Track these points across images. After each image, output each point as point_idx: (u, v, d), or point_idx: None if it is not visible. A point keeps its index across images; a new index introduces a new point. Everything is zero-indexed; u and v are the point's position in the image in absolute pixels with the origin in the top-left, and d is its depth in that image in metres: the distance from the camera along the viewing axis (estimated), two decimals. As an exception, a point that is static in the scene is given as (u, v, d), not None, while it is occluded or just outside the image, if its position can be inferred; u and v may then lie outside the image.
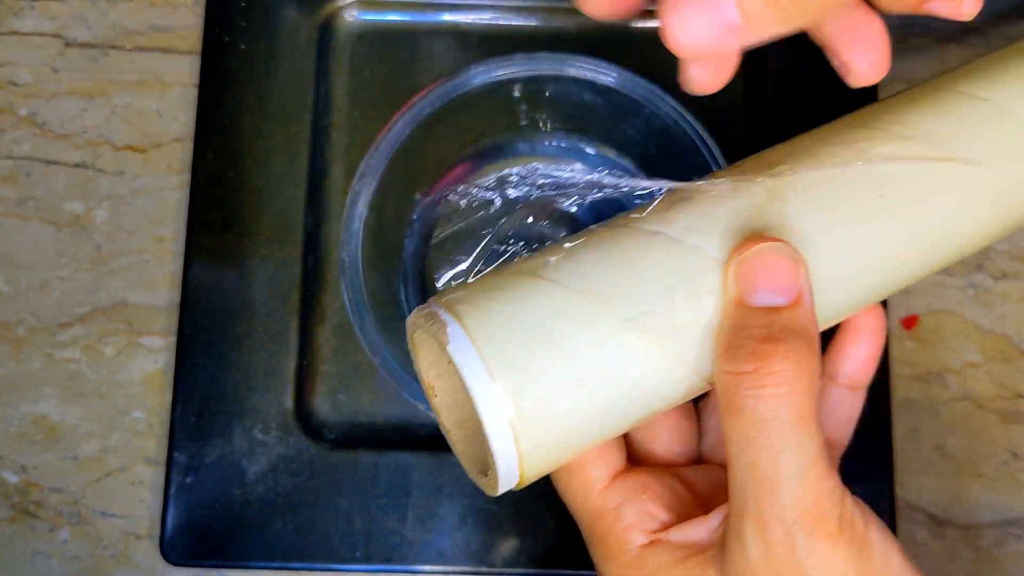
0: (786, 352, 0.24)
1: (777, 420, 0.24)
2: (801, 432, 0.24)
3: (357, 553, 0.42)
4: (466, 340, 0.24)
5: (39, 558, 0.44)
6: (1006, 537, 0.44)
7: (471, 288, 0.26)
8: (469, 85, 0.39)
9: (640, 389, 0.26)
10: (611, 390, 0.25)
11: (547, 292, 0.25)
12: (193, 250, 0.44)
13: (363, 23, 0.48)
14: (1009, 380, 0.45)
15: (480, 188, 0.29)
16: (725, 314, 0.26)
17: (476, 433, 0.27)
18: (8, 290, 0.46)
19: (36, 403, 0.45)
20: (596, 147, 0.45)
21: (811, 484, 0.24)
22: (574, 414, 0.25)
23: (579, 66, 0.39)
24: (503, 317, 0.25)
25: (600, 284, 0.25)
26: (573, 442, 0.26)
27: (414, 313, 0.27)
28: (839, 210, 0.26)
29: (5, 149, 0.47)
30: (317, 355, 0.45)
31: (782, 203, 0.26)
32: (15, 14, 0.48)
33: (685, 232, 0.26)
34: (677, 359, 0.26)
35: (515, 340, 0.25)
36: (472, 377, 0.24)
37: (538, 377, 0.24)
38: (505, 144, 0.46)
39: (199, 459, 0.42)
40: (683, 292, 0.25)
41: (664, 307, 0.25)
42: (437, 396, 0.28)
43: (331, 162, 0.46)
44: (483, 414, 0.24)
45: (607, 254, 0.26)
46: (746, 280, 0.25)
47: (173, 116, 0.47)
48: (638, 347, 0.25)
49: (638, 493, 0.29)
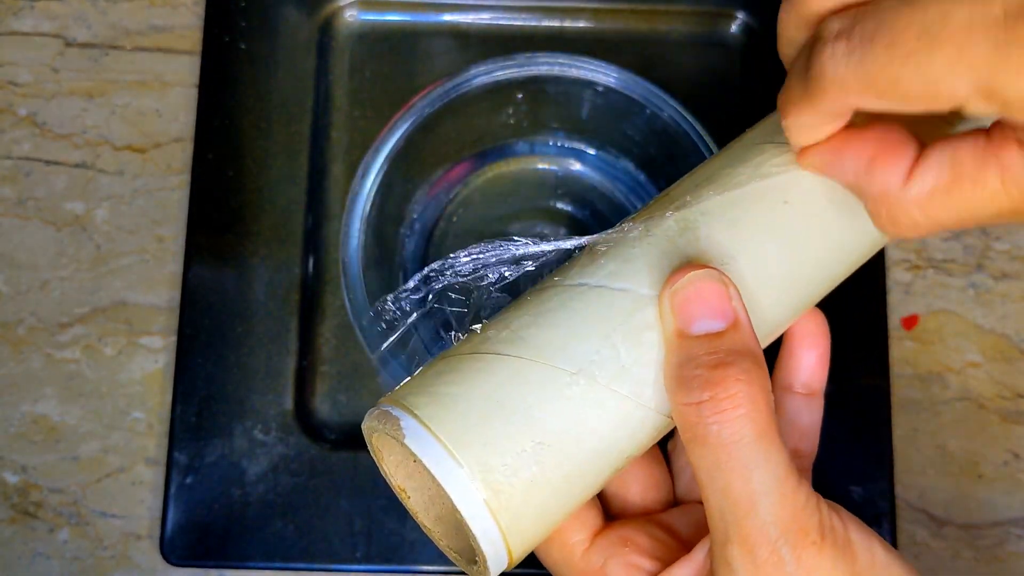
0: (738, 374, 0.25)
1: (743, 441, 0.25)
2: (767, 448, 0.25)
3: (357, 553, 0.42)
4: (421, 429, 0.24)
5: (39, 558, 0.43)
6: (1007, 537, 0.44)
7: (415, 380, 0.26)
8: (469, 85, 0.39)
9: (604, 438, 0.26)
10: (576, 445, 0.25)
11: (490, 365, 0.26)
12: (193, 250, 0.44)
13: (363, 23, 0.48)
14: (1009, 380, 0.45)
15: (408, 292, 0.29)
16: (668, 348, 0.26)
17: (456, 523, 0.27)
18: (8, 290, 0.46)
19: (36, 403, 0.45)
20: (596, 147, 0.45)
21: (786, 497, 0.25)
22: (545, 478, 0.25)
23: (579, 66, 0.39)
24: (452, 398, 0.25)
25: (539, 345, 0.26)
26: (552, 507, 0.26)
27: (366, 418, 0.27)
28: (749, 223, 0.27)
29: (5, 149, 0.47)
30: (317, 355, 0.45)
31: (694, 230, 0.27)
32: (15, 14, 0.48)
33: (609, 278, 0.27)
34: (633, 400, 0.26)
35: (469, 417, 0.25)
36: (435, 463, 0.24)
37: (501, 450, 0.24)
38: (505, 144, 0.46)
39: (199, 459, 0.42)
40: (621, 334, 0.26)
41: (607, 353, 0.26)
42: (410, 498, 0.28)
43: (331, 162, 0.46)
44: (455, 499, 0.24)
45: (539, 315, 0.26)
46: (682, 311, 0.26)
47: (173, 116, 0.47)
48: (591, 397, 0.25)
49: (620, 547, 0.29)
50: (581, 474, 0.26)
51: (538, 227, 0.45)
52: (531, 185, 0.46)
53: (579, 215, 0.45)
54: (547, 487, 0.25)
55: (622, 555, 0.29)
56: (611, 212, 0.45)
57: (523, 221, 0.45)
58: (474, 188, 0.46)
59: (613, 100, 0.40)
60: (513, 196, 0.46)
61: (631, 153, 0.44)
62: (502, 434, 0.25)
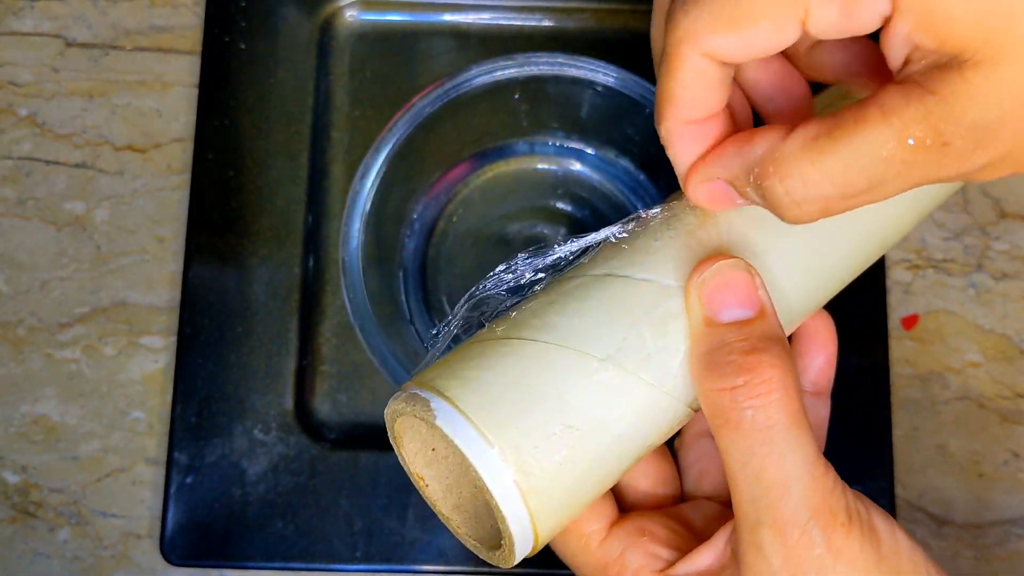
0: (771, 360, 0.25)
1: (777, 426, 0.25)
2: (799, 433, 0.25)
3: (357, 553, 0.42)
4: (453, 411, 0.25)
5: (39, 558, 0.43)
6: (1007, 537, 0.44)
7: (443, 364, 0.26)
8: (469, 85, 0.39)
9: (630, 425, 0.26)
10: (604, 430, 0.26)
11: (519, 350, 0.26)
12: (193, 250, 0.44)
13: (363, 23, 0.48)
14: (1009, 380, 0.45)
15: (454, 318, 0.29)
16: (696, 336, 0.26)
17: (477, 511, 0.28)
18: (8, 290, 0.46)
19: (36, 403, 0.45)
20: (596, 147, 0.45)
21: (817, 481, 0.25)
22: (574, 462, 0.25)
23: (579, 66, 0.39)
24: (483, 382, 0.25)
25: (568, 332, 0.26)
26: (580, 491, 0.26)
27: (391, 402, 0.27)
28: (769, 219, 0.27)
29: (5, 149, 0.47)
30: (317, 355, 0.45)
31: (714, 224, 0.28)
32: (15, 14, 0.48)
33: (633, 269, 0.27)
34: (659, 388, 0.26)
35: (501, 401, 0.25)
36: (468, 445, 0.24)
37: (531, 432, 0.25)
38: (505, 144, 0.46)
39: (199, 459, 0.42)
40: (647, 323, 0.26)
41: (634, 341, 0.26)
42: (429, 486, 0.28)
43: (331, 162, 0.46)
44: (487, 480, 0.24)
45: (566, 303, 0.27)
46: (711, 300, 0.26)
47: (173, 116, 0.47)
48: (619, 383, 0.26)
49: (637, 537, 0.29)
50: (606, 460, 0.26)
51: (538, 227, 0.45)
52: (531, 185, 0.46)
53: (579, 215, 0.45)
54: (575, 471, 0.25)
55: (640, 544, 0.29)
56: (611, 212, 0.45)
57: (523, 221, 0.45)
58: (474, 188, 0.46)
59: (613, 100, 0.40)
60: (513, 196, 0.46)
61: (631, 153, 0.44)
62: (533, 417, 0.25)
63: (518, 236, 0.45)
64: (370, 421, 0.44)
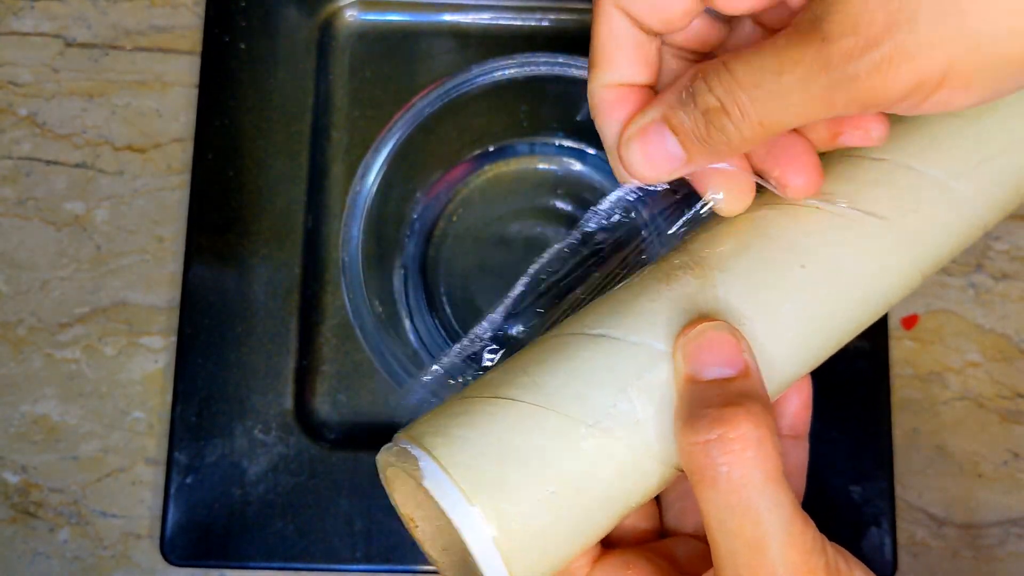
0: (746, 414, 0.25)
1: (752, 483, 0.25)
2: (776, 491, 0.25)
3: (357, 553, 0.42)
4: (439, 471, 0.25)
5: (39, 558, 0.43)
6: (1007, 537, 0.44)
7: (434, 417, 0.27)
8: (469, 85, 0.39)
9: (615, 488, 0.26)
10: (587, 495, 0.26)
11: (508, 411, 0.26)
12: (193, 250, 0.44)
13: (363, 23, 0.48)
14: (1009, 380, 0.45)
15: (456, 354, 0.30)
16: (679, 393, 0.27)
17: (463, 557, 0.28)
18: (8, 290, 0.46)
19: (36, 403, 0.45)
20: (596, 147, 0.45)
21: (795, 539, 0.25)
22: (557, 525, 0.26)
23: (579, 66, 0.39)
24: (470, 442, 0.26)
25: (557, 395, 0.26)
26: (560, 551, 0.26)
27: (383, 452, 0.27)
28: (767, 287, 0.28)
29: (5, 149, 0.47)
30: (317, 355, 0.45)
31: (712, 289, 0.28)
32: (15, 14, 0.48)
33: (627, 331, 0.27)
34: (644, 453, 0.26)
35: (485, 462, 0.25)
36: (451, 507, 0.25)
37: (514, 496, 0.25)
38: (505, 144, 0.46)
39: (199, 459, 0.42)
40: (636, 389, 0.26)
41: (623, 407, 0.26)
42: (418, 527, 0.29)
43: (331, 162, 0.46)
44: (468, 540, 0.25)
45: (558, 363, 0.27)
46: (694, 358, 0.26)
47: (173, 116, 0.47)
48: (605, 449, 0.26)
49: (622, 571, 0.29)
50: (589, 521, 0.26)
51: (538, 227, 0.45)
52: (531, 185, 0.46)
53: (579, 215, 0.45)
54: (557, 533, 0.26)
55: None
56: (611, 212, 0.45)
57: (523, 221, 0.45)
58: (474, 188, 0.46)
59: (613, 100, 0.40)
60: (513, 196, 0.46)
61: (631, 153, 0.44)
62: (516, 481, 0.25)
63: (518, 236, 0.45)
64: (370, 421, 0.44)
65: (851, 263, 0.28)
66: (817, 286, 0.28)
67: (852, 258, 0.28)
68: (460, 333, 0.44)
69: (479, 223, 0.45)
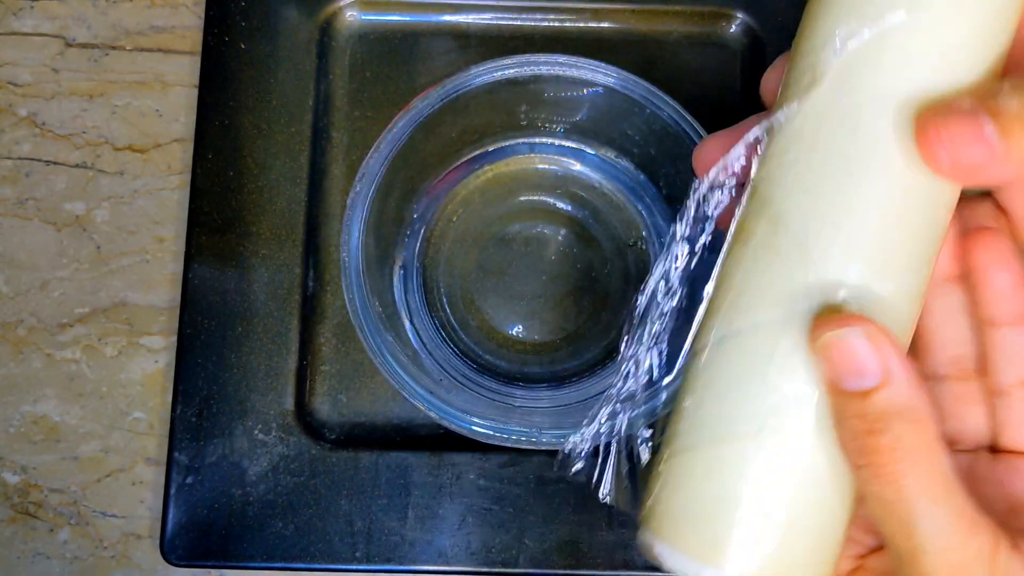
0: (891, 444, 0.24)
1: (902, 502, 0.24)
2: (928, 507, 0.24)
3: (357, 553, 0.42)
4: (671, 551, 0.27)
5: (39, 558, 0.43)
6: (1006, 537, 0.44)
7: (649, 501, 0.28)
8: (469, 85, 0.39)
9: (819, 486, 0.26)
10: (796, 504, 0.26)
11: (689, 466, 0.27)
12: (193, 250, 0.44)
13: (363, 23, 0.48)
14: (1009, 380, 0.45)
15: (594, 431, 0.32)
16: (828, 397, 0.25)
17: None
18: (8, 290, 0.46)
19: (36, 403, 0.45)
20: (596, 147, 0.45)
21: (952, 552, 0.24)
22: (786, 548, 0.26)
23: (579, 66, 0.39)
24: (677, 510, 0.27)
25: (717, 424, 0.26)
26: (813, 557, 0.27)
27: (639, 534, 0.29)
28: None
29: (5, 149, 0.47)
30: (317, 355, 0.45)
31: (785, 231, 0.26)
32: (15, 14, 0.48)
33: (737, 320, 0.26)
34: (815, 430, 0.26)
35: (702, 525, 0.26)
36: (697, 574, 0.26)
37: (736, 539, 0.26)
38: (505, 144, 0.46)
39: (199, 459, 0.42)
40: (774, 371, 0.26)
41: (771, 398, 0.26)
42: None
43: (331, 162, 0.46)
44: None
45: (702, 396, 0.27)
46: (832, 367, 0.25)
47: (173, 116, 0.47)
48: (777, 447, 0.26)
49: None
50: (817, 527, 0.26)
51: (538, 227, 0.45)
52: (531, 185, 0.46)
53: (579, 215, 0.45)
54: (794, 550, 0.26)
55: None
56: (611, 212, 0.45)
57: (523, 221, 0.45)
58: (474, 188, 0.46)
59: (613, 100, 0.40)
60: (513, 196, 0.46)
61: (631, 153, 0.44)
62: (733, 526, 0.26)
63: (518, 236, 0.45)
64: (370, 421, 0.44)
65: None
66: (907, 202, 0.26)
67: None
68: (460, 333, 0.44)
69: (479, 223, 0.45)
